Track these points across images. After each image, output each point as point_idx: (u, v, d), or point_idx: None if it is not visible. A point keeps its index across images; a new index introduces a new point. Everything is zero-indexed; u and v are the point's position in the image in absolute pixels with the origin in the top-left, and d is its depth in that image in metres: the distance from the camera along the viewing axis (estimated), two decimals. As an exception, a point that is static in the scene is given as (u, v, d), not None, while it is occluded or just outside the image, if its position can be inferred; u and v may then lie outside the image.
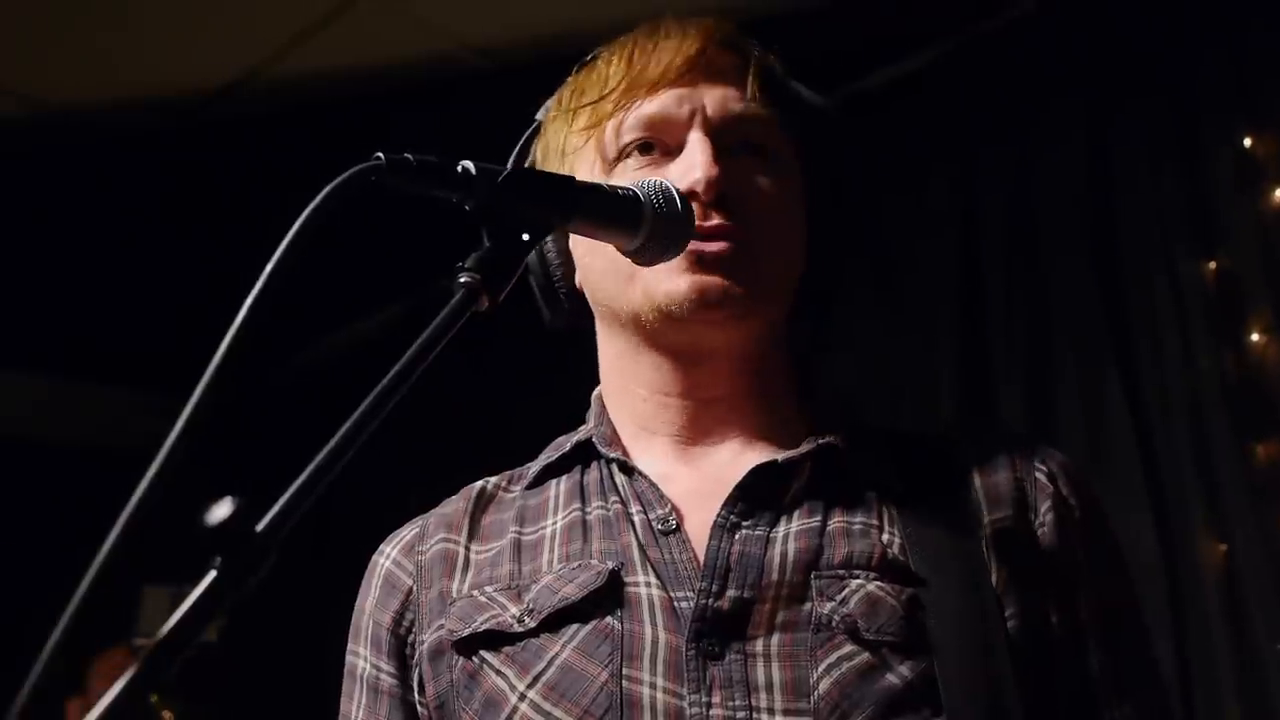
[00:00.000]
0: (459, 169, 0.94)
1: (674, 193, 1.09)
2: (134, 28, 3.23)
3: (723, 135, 1.20)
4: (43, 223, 3.88)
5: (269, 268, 0.78)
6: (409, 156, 0.89)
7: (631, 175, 1.19)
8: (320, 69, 3.42)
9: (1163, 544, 2.50)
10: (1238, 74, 2.63)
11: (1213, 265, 2.59)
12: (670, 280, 1.15)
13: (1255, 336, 2.51)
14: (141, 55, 3.36)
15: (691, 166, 1.16)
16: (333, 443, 0.75)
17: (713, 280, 1.15)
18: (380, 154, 0.87)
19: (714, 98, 1.21)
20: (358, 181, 0.85)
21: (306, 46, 3.30)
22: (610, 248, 1.12)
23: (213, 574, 0.69)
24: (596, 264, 1.21)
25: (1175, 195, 2.66)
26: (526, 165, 1.33)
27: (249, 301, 0.76)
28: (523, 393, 3.40)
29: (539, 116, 1.34)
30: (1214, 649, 2.40)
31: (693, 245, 1.14)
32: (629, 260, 1.12)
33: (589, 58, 1.30)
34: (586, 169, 1.24)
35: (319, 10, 3.15)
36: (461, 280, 0.89)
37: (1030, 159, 2.94)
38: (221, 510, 0.68)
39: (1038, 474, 1.19)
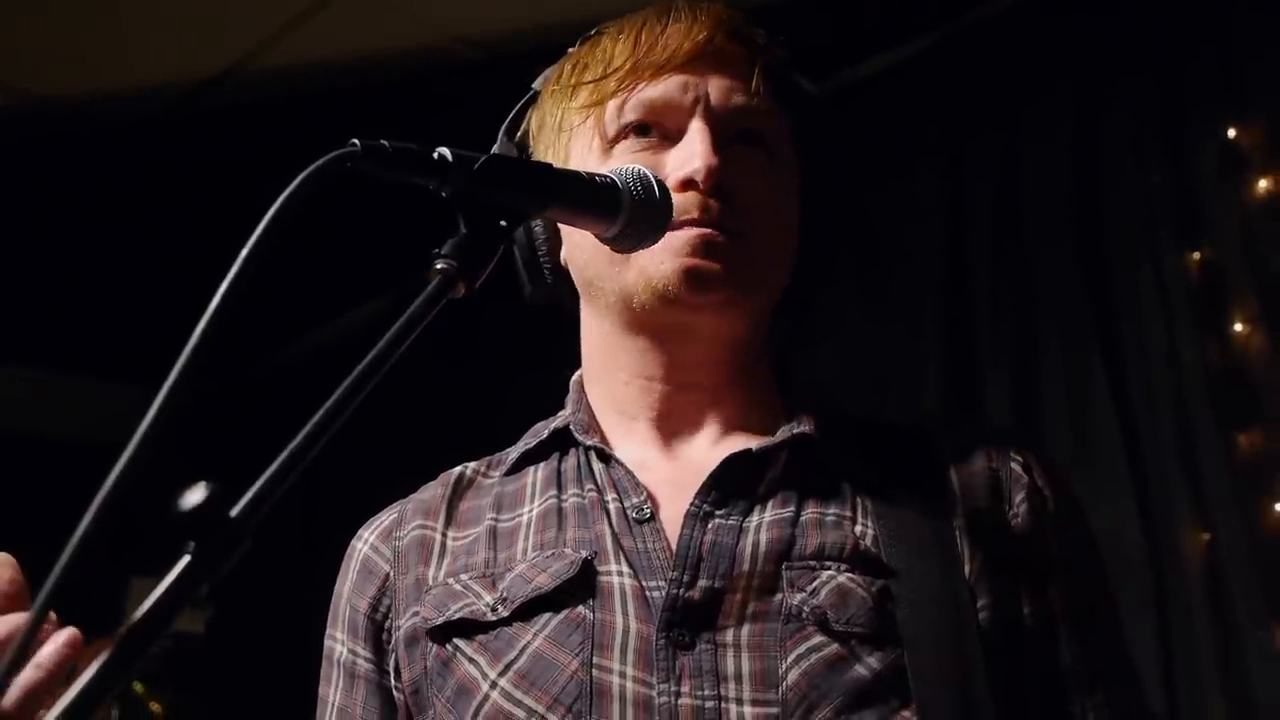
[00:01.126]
0: (435, 156, 0.93)
1: (652, 181, 1.09)
2: (121, 17, 3.22)
3: (724, 125, 1.20)
4: (29, 215, 3.86)
5: (243, 254, 0.78)
6: (384, 143, 0.89)
7: (629, 157, 1.19)
8: (308, 59, 3.42)
9: (1146, 534, 2.50)
10: (1223, 65, 2.63)
11: (1197, 256, 2.59)
12: (667, 262, 1.15)
13: (1239, 327, 2.51)
14: (129, 45, 3.36)
15: (691, 155, 1.16)
16: (306, 429, 0.75)
17: (708, 265, 1.15)
18: (356, 140, 0.87)
19: (718, 87, 1.21)
20: (333, 168, 0.84)
21: (294, 36, 3.29)
22: None
23: (186, 559, 0.69)
24: (587, 242, 1.20)
25: (1160, 186, 2.66)
26: (520, 134, 1.33)
27: (223, 288, 0.76)
28: (509, 377, 3.40)
29: (536, 86, 1.33)
30: (1197, 638, 2.41)
31: (691, 232, 1.15)
32: None
33: (593, 32, 1.30)
34: (583, 147, 1.24)
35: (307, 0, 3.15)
36: (438, 267, 0.89)
37: (1016, 149, 2.93)
38: (195, 495, 0.68)
39: (1012, 465, 1.19)
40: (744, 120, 1.21)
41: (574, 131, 1.25)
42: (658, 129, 1.21)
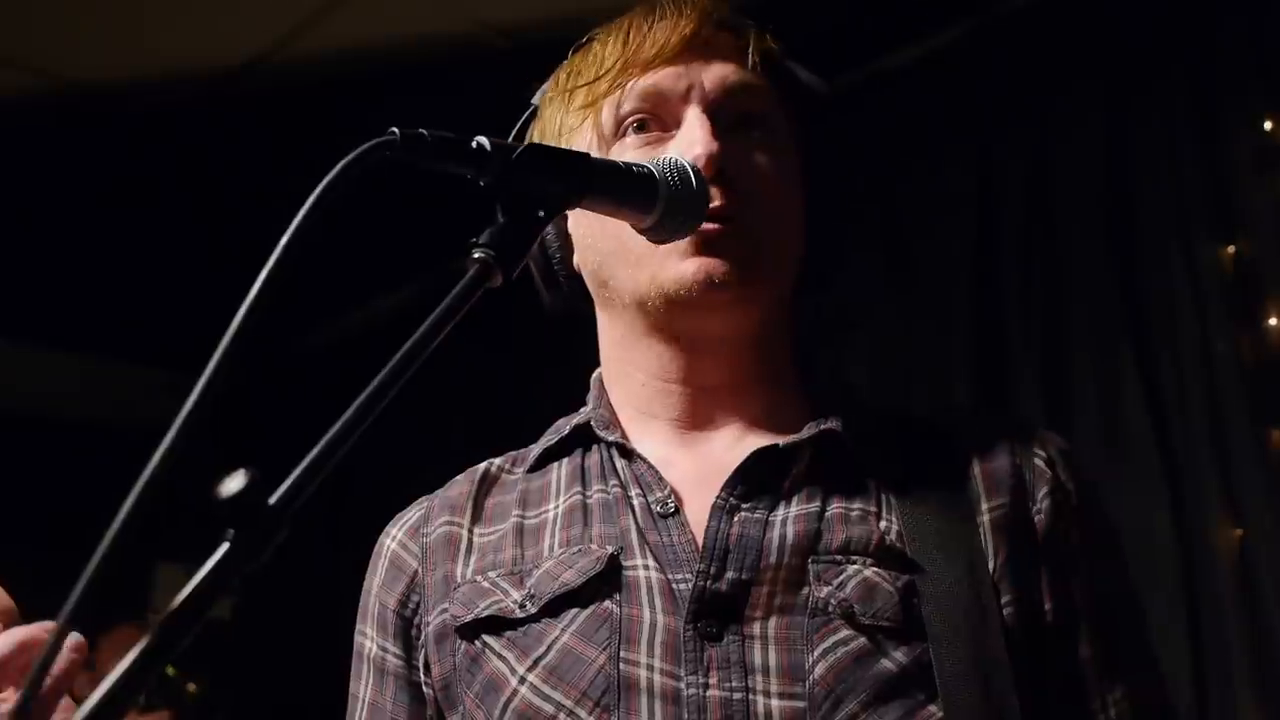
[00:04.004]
0: (474, 145, 0.93)
1: (689, 171, 1.08)
2: (155, 5, 3.24)
3: (721, 111, 1.19)
4: (61, 201, 3.89)
5: (283, 240, 0.77)
6: (424, 132, 0.89)
7: (630, 154, 1.19)
8: (341, 46, 3.42)
9: (1178, 529, 2.49)
10: (1257, 56, 2.61)
11: (1231, 249, 2.58)
12: (677, 265, 1.15)
13: (1273, 321, 2.49)
14: (163, 33, 3.37)
15: (691, 143, 1.16)
16: (345, 418, 0.75)
17: (718, 263, 1.14)
18: (395, 129, 0.87)
19: (711, 75, 1.20)
20: (372, 157, 0.84)
21: (326, 23, 3.30)
22: (617, 229, 1.12)
23: (225, 546, 0.69)
24: (601, 246, 1.20)
25: (1194, 179, 2.64)
26: None
27: (263, 275, 0.76)
28: (538, 369, 3.41)
29: (535, 101, 1.34)
30: (1228, 635, 2.40)
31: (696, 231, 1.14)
32: (635, 243, 1.12)
33: (584, 40, 1.30)
34: (584, 148, 1.23)
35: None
36: (475, 256, 0.89)
37: (1048, 142, 2.92)
38: (235, 483, 0.68)
39: (1036, 460, 1.19)
40: (740, 105, 1.21)
41: (572, 134, 1.25)
42: (655, 122, 1.21)
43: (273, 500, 0.70)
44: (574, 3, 2.88)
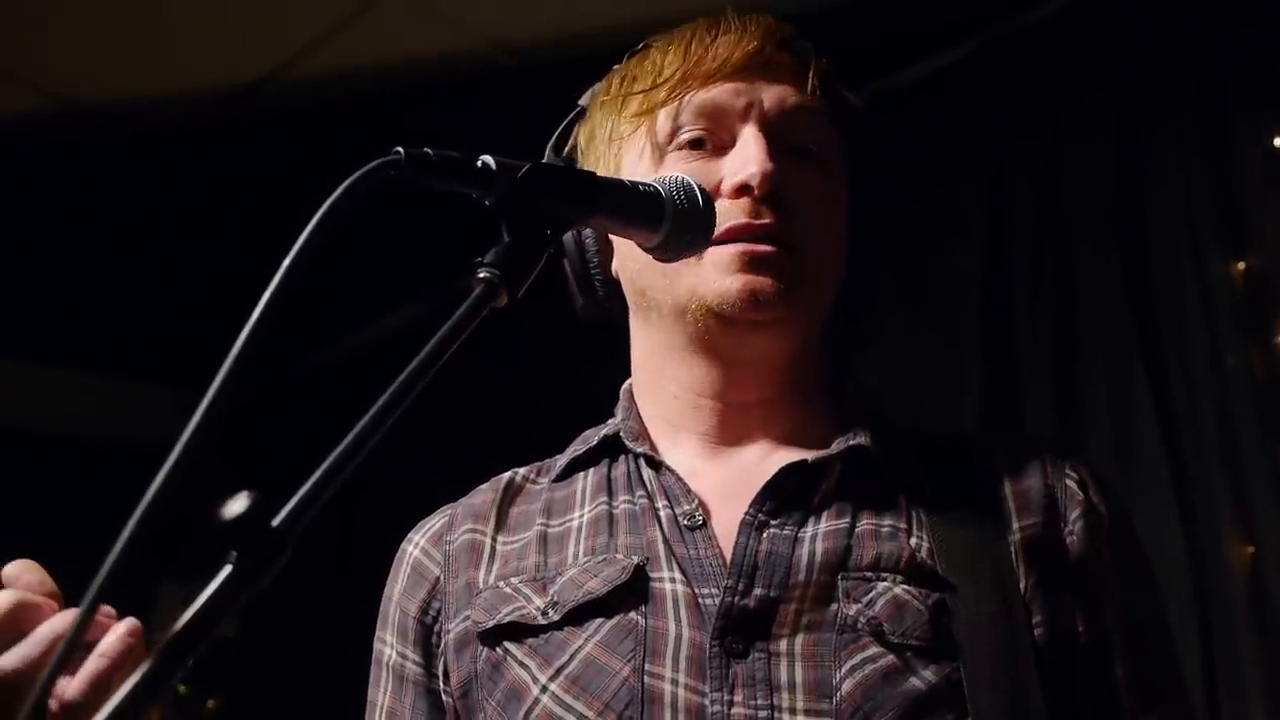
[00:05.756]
0: (478, 164, 0.93)
1: (696, 190, 1.08)
2: (161, 24, 3.24)
3: (777, 134, 1.19)
4: (70, 221, 3.89)
5: (287, 261, 0.78)
6: (428, 151, 0.89)
7: (681, 166, 1.19)
8: (347, 66, 3.42)
9: (1189, 545, 2.47)
10: (1269, 72, 2.60)
11: (1241, 265, 2.56)
12: (722, 279, 1.15)
13: (1284, 337, 2.48)
14: (169, 51, 3.38)
15: (746, 161, 1.16)
16: (348, 439, 0.75)
17: (764, 281, 1.15)
18: (400, 149, 0.87)
19: (771, 95, 1.21)
20: (377, 176, 0.85)
21: (333, 44, 3.31)
22: None
23: (228, 569, 0.69)
24: (640, 254, 1.19)
25: (1204, 194, 2.63)
26: (568, 150, 1.33)
27: (267, 295, 0.76)
28: (551, 384, 3.40)
29: (583, 102, 1.34)
30: (1241, 652, 2.38)
31: (744, 246, 1.15)
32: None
33: (641, 46, 1.30)
34: (635, 156, 1.24)
35: (345, 8, 3.15)
36: (480, 276, 0.89)
37: (1058, 156, 2.91)
38: (237, 505, 0.68)
39: (1068, 481, 1.19)
40: (797, 131, 1.21)
41: (625, 141, 1.26)
42: (710, 138, 1.21)
43: (276, 522, 0.70)
44: (581, 22, 2.91)
